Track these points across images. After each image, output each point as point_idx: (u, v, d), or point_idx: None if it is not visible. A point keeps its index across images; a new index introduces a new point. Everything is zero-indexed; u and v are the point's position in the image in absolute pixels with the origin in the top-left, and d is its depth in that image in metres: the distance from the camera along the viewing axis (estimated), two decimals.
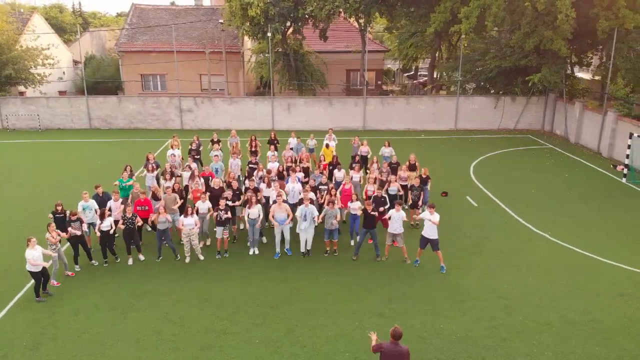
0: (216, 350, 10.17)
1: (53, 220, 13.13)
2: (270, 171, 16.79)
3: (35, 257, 11.55)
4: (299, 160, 18.43)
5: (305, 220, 13.68)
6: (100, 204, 14.31)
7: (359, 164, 17.85)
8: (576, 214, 17.68)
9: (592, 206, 18.50)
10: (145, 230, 14.93)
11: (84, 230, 13.35)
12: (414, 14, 33.49)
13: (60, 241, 12.82)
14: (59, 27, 52.87)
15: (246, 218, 14.14)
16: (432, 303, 11.92)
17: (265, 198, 15.26)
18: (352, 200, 14.47)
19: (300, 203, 14.26)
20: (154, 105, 32.27)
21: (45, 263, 11.77)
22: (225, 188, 15.45)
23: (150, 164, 17.20)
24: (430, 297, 12.18)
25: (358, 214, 14.30)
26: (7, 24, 33.70)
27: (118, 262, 13.87)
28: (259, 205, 14.17)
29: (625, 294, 12.33)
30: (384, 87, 45.44)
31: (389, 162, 18.15)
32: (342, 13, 33.54)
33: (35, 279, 11.84)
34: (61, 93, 39.72)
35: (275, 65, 33.86)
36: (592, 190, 20.31)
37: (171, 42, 34.02)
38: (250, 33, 32.48)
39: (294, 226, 14.39)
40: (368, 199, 14.75)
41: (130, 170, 16.47)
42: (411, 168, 17.71)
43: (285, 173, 16.75)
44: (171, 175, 16.05)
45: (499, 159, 25.16)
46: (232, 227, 15.01)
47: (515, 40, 28.22)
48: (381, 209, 14.10)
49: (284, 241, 14.30)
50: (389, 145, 19.79)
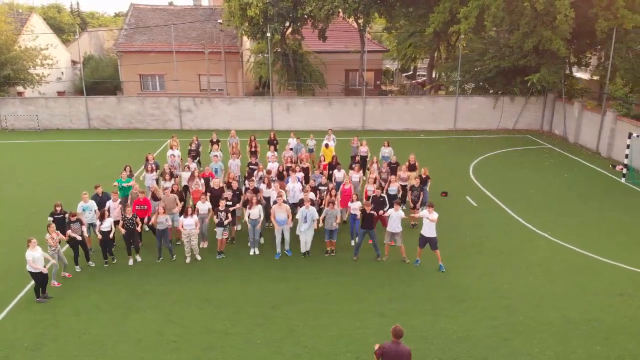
0: (218, 350, 10.17)
1: (52, 222, 13.09)
2: (270, 171, 16.79)
3: (35, 258, 11.53)
4: (298, 161, 18.44)
5: (306, 222, 13.70)
6: (99, 204, 14.29)
7: (358, 164, 17.87)
8: (576, 214, 17.72)
9: (592, 206, 18.54)
10: (143, 230, 14.89)
11: (83, 231, 13.31)
12: (412, 14, 33.50)
13: (60, 242, 12.81)
14: (57, 27, 52.70)
15: (247, 219, 14.14)
16: (433, 303, 11.94)
17: (265, 199, 15.25)
18: (353, 201, 14.49)
19: (300, 203, 14.28)
20: (153, 105, 32.23)
21: (44, 269, 11.71)
22: (225, 188, 15.45)
23: (150, 164, 17.17)
24: (431, 297, 12.20)
25: (358, 214, 14.32)
26: (6, 24, 33.58)
27: (118, 263, 13.85)
28: (259, 205, 14.18)
29: (625, 293, 12.38)
30: (383, 87, 45.43)
31: (388, 162, 18.16)
32: (341, 13, 33.51)
33: (36, 280, 11.82)
34: (60, 93, 39.63)
35: (274, 66, 33.86)
36: (592, 190, 20.36)
37: (170, 42, 33.99)
38: (249, 33, 32.47)
39: (294, 227, 14.41)
40: (368, 199, 14.77)
41: (130, 171, 16.47)
42: (411, 168, 17.75)
43: (285, 173, 16.76)
44: (170, 175, 16.04)
45: (498, 159, 25.20)
46: (232, 228, 15.01)
47: (514, 40, 28.25)
48: (381, 212, 14.09)
49: (284, 241, 14.31)
50: (388, 146, 19.82)
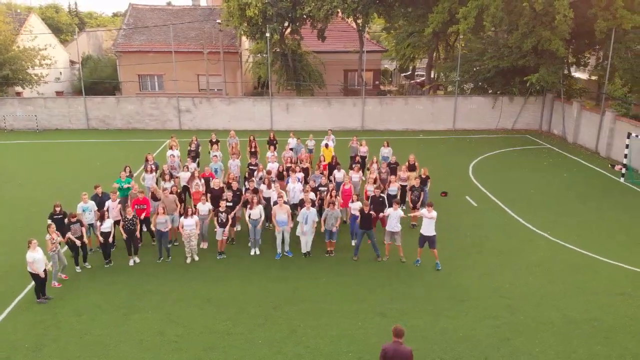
0: (219, 350, 10.17)
1: (52, 222, 13.05)
2: (270, 172, 16.79)
3: (36, 259, 11.50)
4: (298, 161, 18.43)
5: (307, 223, 13.70)
6: (99, 204, 14.27)
7: (358, 165, 17.87)
8: (575, 214, 17.76)
9: (591, 206, 18.59)
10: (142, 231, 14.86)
11: (83, 233, 13.28)
12: (411, 14, 33.51)
13: (60, 243, 12.78)
14: (55, 27, 52.57)
15: (247, 219, 14.13)
16: (434, 303, 11.95)
17: (266, 199, 15.25)
18: (353, 201, 14.50)
19: (301, 204, 14.28)
20: (152, 105, 32.19)
21: (42, 273, 11.66)
22: (225, 189, 15.44)
23: (150, 164, 17.15)
24: (432, 297, 12.22)
25: (359, 215, 14.32)
26: (4, 24, 33.52)
27: (118, 263, 13.82)
28: (260, 205, 14.18)
29: (625, 292, 12.41)
30: (382, 88, 45.45)
31: (387, 163, 18.17)
32: (340, 13, 33.51)
33: (36, 281, 11.80)
34: (58, 93, 39.53)
35: (273, 66, 33.86)
36: (591, 190, 20.40)
37: (169, 43, 33.94)
38: (248, 33, 32.47)
39: (295, 227, 14.41)
40: (368, 200, 14.77)
41: (130, 171, 16.44)
42: (411, 168, 17.76)
43: (285, 173, 16.75)
44: (170, 176, 16.02)
45: (497, 159, 25.24)
46: (231, 229, 14.99)
47: (513, 40, 28.29)
48: (381, 214, 14.09)
49: (284, 242, 14.30)
50: (388, 146, 19.83)
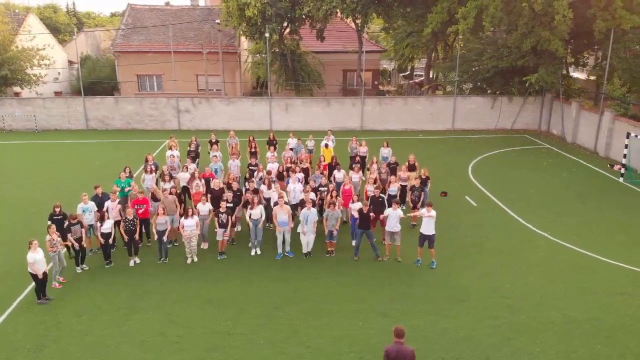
0: (221, 351, 10.16)
1: (52, 223, 13.02)
2: (270, 172, 16.78)
3: (36, 260, 11.48)
4: (298, 161, 18.42)
5: (307, 223, 13.71)
6: (99, 205, 14.25)
7: (358, 165, 17.87)
8: (575, 214, 17.79)
9: (590, 206, 18.62)
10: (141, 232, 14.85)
11: (83, 234, 13.26)
12: (410, 14, 33.53)
13: (61, 245, 12.76)
14: (53, 27, 52.51)
15: (248, 219, 14.13)
16: (434, 303, 11.96)
17: (266, 199, 15.24)
18: (353, 201, 14.50)
19: (301, 204, 14.27)
20: (151, 105, 32.15)
21: (41, 273, 11.64)
22: (225, 189, 15.43)
23: (149, 165, 17.14)
24: (432, 297, 12.23)
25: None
26: (3, 24, 33.45)
27: (119, 263, 13.81)
28: (261, 205, 14.18)
29: (625, 292, 12.44)
30: (381, 88, 45.47)
31: (387, 163, 18.18)
32: (339, 13, 33.51)
33: (36, 281, 11.77)
34: (57, 94, 39.45)
35: (272, 66, 33.85)
36: (590, 190, 20.44)
37: (167, 43, 33.94)
38: (247, 33, 32.45)
39: (295, 228, 14.39)
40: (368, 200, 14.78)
41: (130, 172, 16.42)
42: (411, 168, 17.77)
43: (285, 174, 16.75)
44: (170, 177, 16.01)
45: (496, 159, 25.27)
46: (232, 230, 14.97)
47: (513, 40, 28.34)
48: (381, 216, 14.11)
49: (285, 242, 14.29)
50: (387, 146, 19.83)
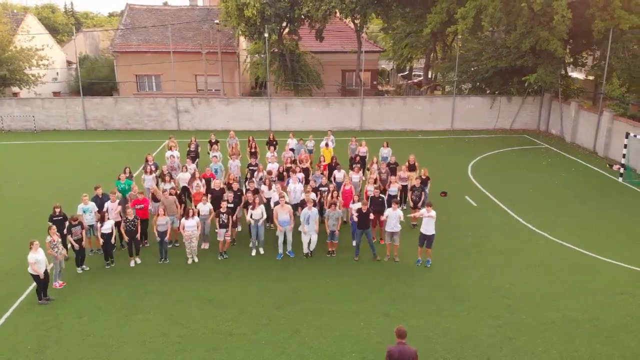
0: (223, 351, 10.16)
1: (53, 225, 13.01)
2: (270, 172, 16.78)
3: (37, 260, 11.47)
4: (298, 162, 18.42)
5: (308, 223, 13.72)
6: (100, 205, 14.23)
7: (358, 165, 17.88)
8: (574, 214, 17.82)
9: (590, 205, 18.66)
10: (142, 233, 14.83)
11: (83, 235, 13.24)
12: (409, 14, 33.57)
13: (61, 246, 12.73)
14: (51, 28, 52.47)
15: (250, 219, 14.13)
16: (435, 303, 11.98)
17: (267, 200, 15.23)
18: (354, 201, 14.50)
19: (302, 204, 14.26)
20: (150, 106, 32.12)
21: (42, 273, 11.63)
22: (225, 190, 15.42)
23: (149, 165, 17.12)
24: (432, 297, 12.24)
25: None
26: (1, 24, 33.35)
27: (119, 263, 13.79)
28: (262, 205, 14.18)
29: (625, 292, 12.47)
30: (379, 88, 45.50)
31: (387, 163, 18.19)
32: (338, 13, 33.53)
33: (37, 282, 11.76)
34: (55, 94, 39.39)
35: (271, 66, 33.84)
36: (589, 190, 20.48)
37: (166, 43, 33.91)
38: (246, 34, 32.44)
39: (296, 228, 14.40)
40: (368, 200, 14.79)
41: (130, 172, 16.40)
42: (411, 168, 17.79)
43: (285, 174, 16.75)
44: (170, 177, 15.99)
45: (496, 159, 25.31)
46: (232, 230, 14.96)
47: (512, 40, 28.38)
48: (381, 218, 14.10)
49: (286, 242, 14.31)
50: (387, 146, 19.84)
